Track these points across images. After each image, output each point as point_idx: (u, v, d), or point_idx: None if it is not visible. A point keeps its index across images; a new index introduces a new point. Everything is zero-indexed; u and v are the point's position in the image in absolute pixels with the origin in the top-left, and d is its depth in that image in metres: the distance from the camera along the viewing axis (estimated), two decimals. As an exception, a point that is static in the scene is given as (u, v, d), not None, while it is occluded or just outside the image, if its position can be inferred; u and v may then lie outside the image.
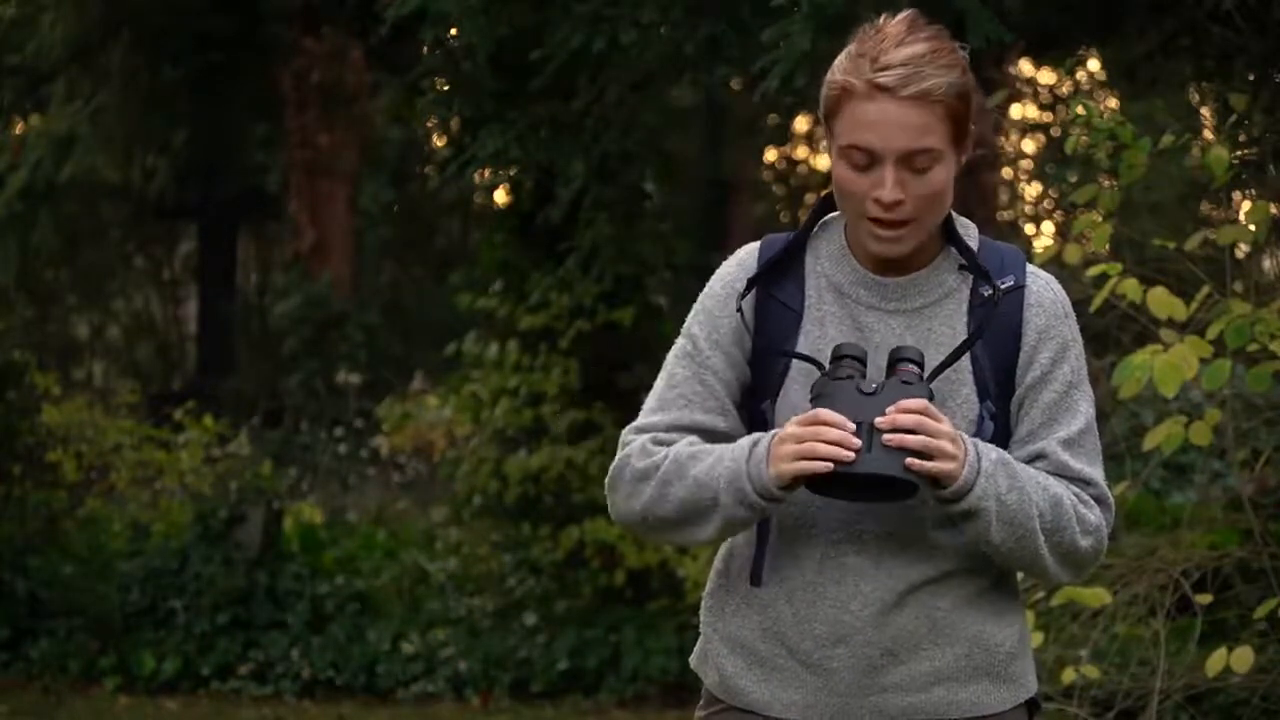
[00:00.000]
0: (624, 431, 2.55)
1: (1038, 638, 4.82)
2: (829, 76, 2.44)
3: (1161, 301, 4.23)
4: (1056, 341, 2.49)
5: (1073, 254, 4.72)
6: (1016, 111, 19.02)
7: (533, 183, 9.20)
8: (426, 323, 18.17)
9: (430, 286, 19.21)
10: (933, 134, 2.39)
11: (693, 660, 2.60)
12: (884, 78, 2.37)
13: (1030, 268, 2.52)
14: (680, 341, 2.54)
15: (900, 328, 2.47)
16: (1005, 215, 20.51)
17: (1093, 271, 4.37)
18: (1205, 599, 5.00)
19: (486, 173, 9.43)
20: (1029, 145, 21.10)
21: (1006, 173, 21.03)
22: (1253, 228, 4.57)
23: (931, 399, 2.36)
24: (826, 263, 2.51)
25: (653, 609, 9.14)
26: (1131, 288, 4.24)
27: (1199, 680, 5.10)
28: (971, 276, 2.48)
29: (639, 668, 8.91)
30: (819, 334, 2.48)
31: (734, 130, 18.07)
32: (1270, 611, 4.69)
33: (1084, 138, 4.40)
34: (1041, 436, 2.47)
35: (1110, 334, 5.98)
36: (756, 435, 2.42)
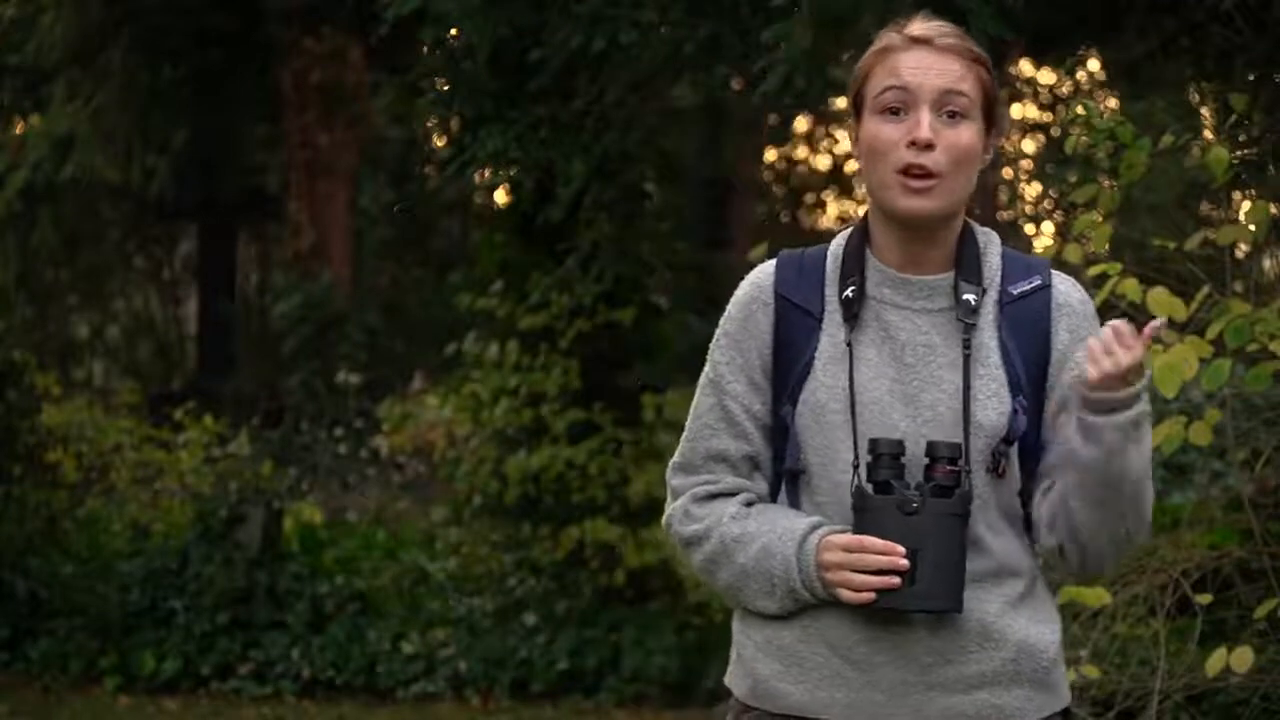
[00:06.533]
0: (667, 470, 2.58)
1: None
2: (860, 62, 2.51)
3: (1161, 301, 4.22)
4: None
5: (1073, 254, 4.71)
6: (1016, 111, 19.01)
7: (533, 183, 9.19)
8: (426, 323, 18.14)
9: (430, 286, 19.19)
10: (966, 83, 2.45)
11: (726, 677, 2.57)
12: (920, 31, 2.46)
13: (1055, 272, 2.54)
14: (706, 369, 2.56)
15: (927, 326, 2.47)
16: (1005, 215, 20.51)
17: (1093, 271, 4.36)
18: (1205, 599, 4.99)
19: (486, 173, 9.42)
20: (1029, 145, 21.10)
21: (1006, 173, 21.04)
22: (1253, 228, 4.56)
23: (970, 500, 2.39)
24: (848, 266, 2.51)
25: (653, 609, 9.14)
26: (1131, 288, 4.23)
27: (1199, 680, 5.09)
28: (999, 279, 2.49)
29: (639, 668, 8.91)
30: (845, 337, 2.47)
31: (734, 130, 18.04)
32: (1270, 611, 4.68)
33: (1084, 138, 4.40)
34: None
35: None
36: (800, 534, 2.44)
